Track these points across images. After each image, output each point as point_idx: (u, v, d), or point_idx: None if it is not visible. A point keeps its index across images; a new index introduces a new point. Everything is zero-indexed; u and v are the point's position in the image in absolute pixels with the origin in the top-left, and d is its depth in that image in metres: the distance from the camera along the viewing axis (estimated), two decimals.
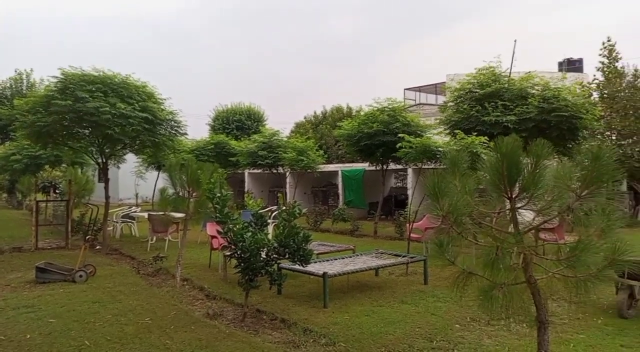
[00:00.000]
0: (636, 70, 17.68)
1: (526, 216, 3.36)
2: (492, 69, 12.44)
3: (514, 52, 12.67)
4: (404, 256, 7.86)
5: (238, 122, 31.02)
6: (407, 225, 10.00)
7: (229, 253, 5.79)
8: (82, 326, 5.52)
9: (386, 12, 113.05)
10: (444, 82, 23.29)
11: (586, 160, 3.12)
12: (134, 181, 24.17)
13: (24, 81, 29.70)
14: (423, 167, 11.12)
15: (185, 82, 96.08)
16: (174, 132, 12.14)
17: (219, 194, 5.70)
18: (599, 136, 16.63)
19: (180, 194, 7.47)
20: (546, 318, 3.42)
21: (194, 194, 7.43)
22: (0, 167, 20.13)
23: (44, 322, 5.66)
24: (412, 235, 9.47)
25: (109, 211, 12.12)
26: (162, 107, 11.51)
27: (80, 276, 7.78)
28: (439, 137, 12.52)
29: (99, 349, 4.82)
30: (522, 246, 3.25)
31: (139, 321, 5.69)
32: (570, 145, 11.99)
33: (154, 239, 11.34)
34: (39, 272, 7.72)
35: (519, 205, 3.29)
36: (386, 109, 13.48)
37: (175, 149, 13.84)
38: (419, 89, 35.32)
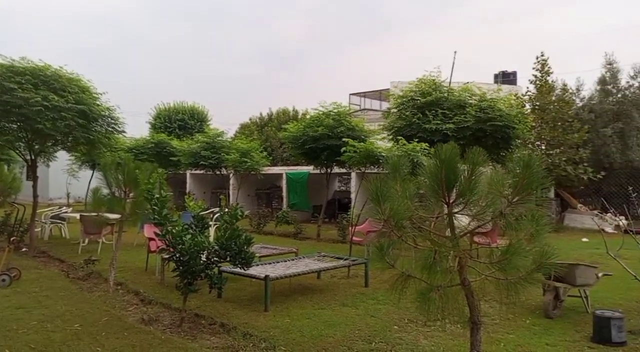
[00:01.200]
0: (565, 85, 18.91)
1: (462, 220, 3.49)
2: (433, 78, 12.89)
3: (453, 63, 13.23)
4: (345, 259, 7.93)
5: (181, 122, 30.11)
6: (350, 228, 10.11)
7: (167, 256, 5.60)
8: (2, 333, 5.14)
9: (332, 19, 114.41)
10: (388, 89, 23.83)
11: (517, 168, 3.28)
12: (65, 179, 22.91)
13: None
14: (366, 171, 11.30)
15: (125, 79, 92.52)
16: (110, 129, 11.58)
17: (157, 195, 5.52)
18: (530, 145, 17.59)
19: (116, 194, 7.15)
20: (479, 319, 3.56)
21: (130, 194, 7.14)
22: None
23: None
24: (354, 238, 9.59)
25: (38, 211, 11.42)
26: (97, 102, 10.95)
27: (3, 280, 7.28)
28: (382, 143, 12.80)
29: None
30: (458, 249, 3.37)
31: (68, 328, 5.38)
32: (504, 154, 12.62)
33: (86, 241, 10.79)
34: None
35: (455, 210, 3.41)
36: (331, 113, 13.61)
37: (111, 147, 13.23)
38: (364, 95, 36.00)
